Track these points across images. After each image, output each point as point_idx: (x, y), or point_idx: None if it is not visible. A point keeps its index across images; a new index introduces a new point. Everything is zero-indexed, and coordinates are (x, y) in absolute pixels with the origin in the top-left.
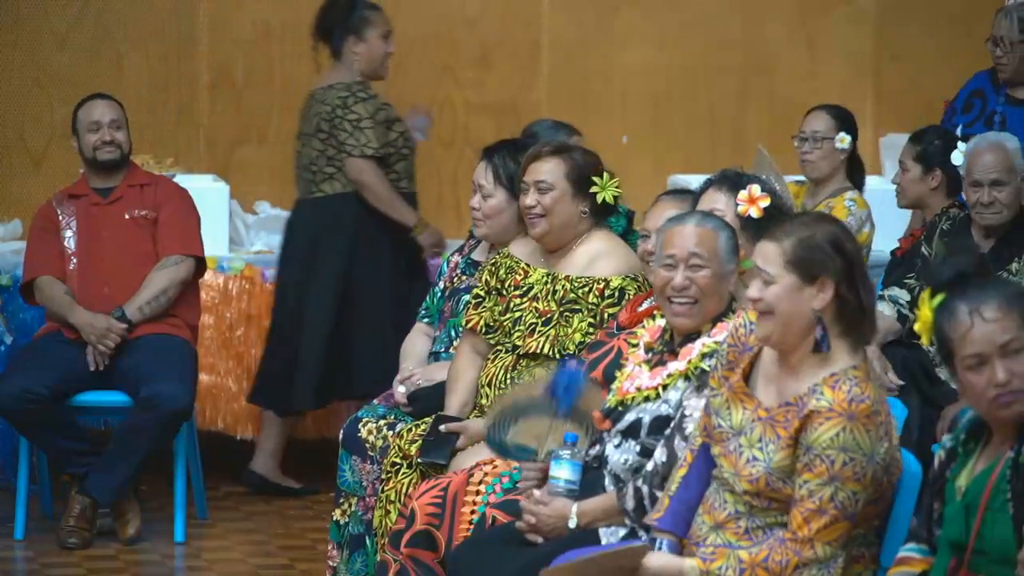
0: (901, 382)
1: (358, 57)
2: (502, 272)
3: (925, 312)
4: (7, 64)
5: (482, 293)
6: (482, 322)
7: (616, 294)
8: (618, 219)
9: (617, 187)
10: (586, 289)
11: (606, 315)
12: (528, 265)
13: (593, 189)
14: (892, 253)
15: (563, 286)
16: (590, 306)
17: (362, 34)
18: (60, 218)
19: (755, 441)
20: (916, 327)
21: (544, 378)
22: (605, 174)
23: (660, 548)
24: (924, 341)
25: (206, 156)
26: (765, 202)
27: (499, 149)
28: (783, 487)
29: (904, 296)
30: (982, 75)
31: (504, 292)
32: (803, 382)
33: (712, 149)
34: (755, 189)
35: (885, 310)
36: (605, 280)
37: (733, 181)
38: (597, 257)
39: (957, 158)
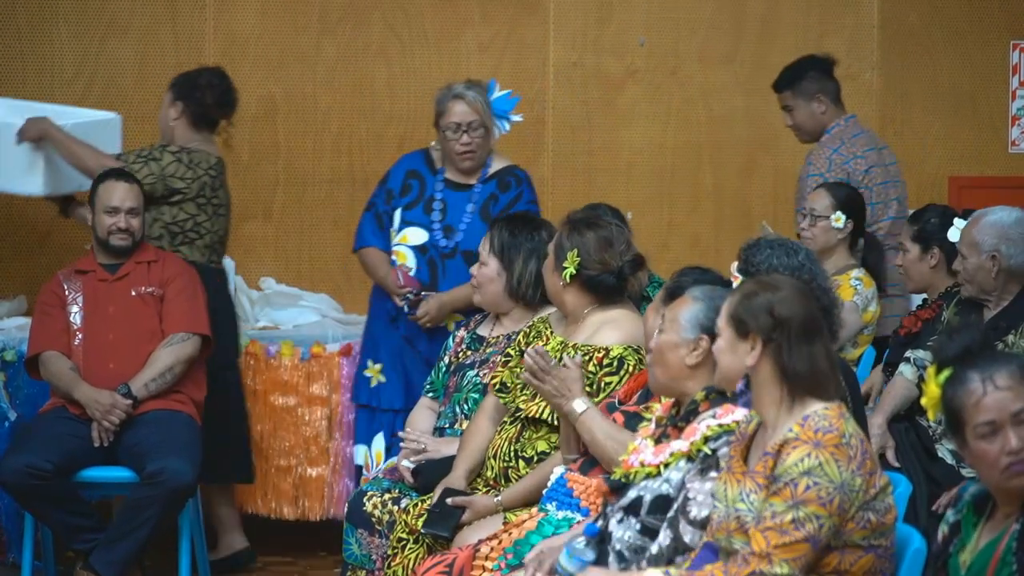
0: (896, 464)
1: None
2: (532, 335)
3: (932, 388)
4: None
5: (513, 353)
6: (499, 380)
7: (615, 363)
8: (653, 289)
9: (578, 266)
10: (587, 358)
11: (603, 384)
12: (552, 332)
13: (564, 264)
14: (895, 332)
15: (569, 353)
16: (588, 374)
17: None
18: (67, 293)
19: (739, 497)
20: (923, 401)
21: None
22: (575, 250)
23: None
24: (931, 416)
25: None
26: None
27: (499, 220)
28: None
29: (930, 358)
30: (417, 155)
31: None
32: (779, 433)
33: (716, 224)
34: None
35: (908, 373)
36: (605, 349)
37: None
38: (603, 325)
39: (954, 235)
